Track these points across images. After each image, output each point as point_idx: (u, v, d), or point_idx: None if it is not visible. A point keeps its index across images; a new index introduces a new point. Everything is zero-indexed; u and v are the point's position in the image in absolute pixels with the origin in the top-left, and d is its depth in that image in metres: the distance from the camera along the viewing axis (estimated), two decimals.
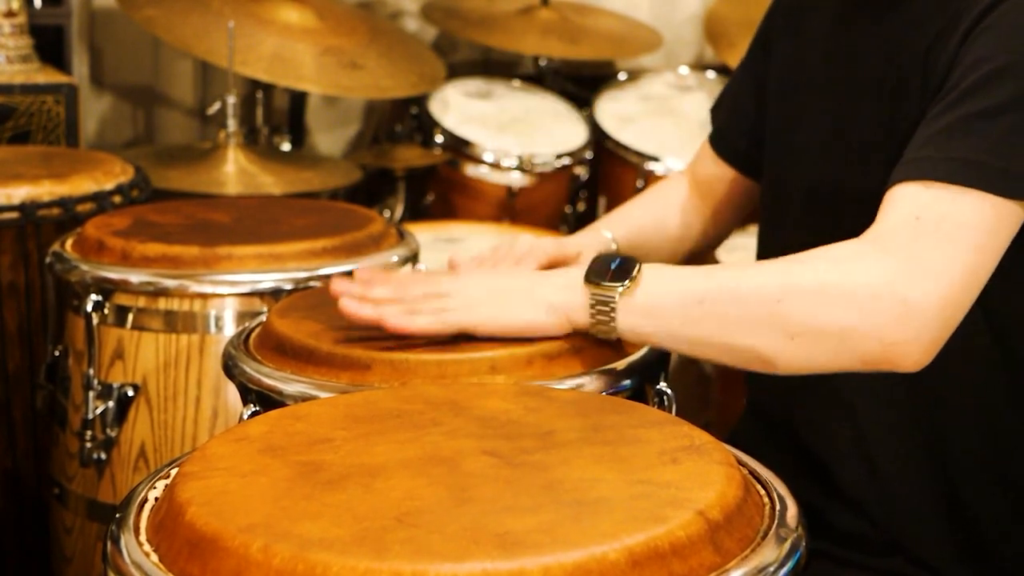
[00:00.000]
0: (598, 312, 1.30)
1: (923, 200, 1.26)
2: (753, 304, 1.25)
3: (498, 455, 1.04)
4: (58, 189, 2.13)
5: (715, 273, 1.30)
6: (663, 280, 1.30)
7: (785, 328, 1.24)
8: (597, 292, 1.30)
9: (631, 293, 1.29)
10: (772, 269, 1.29)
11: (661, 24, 3.74)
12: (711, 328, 1.27)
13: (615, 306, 1.29)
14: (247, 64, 2.82)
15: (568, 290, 1.32)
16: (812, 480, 1.47)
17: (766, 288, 1.25)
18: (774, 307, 1.24)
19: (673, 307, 1.28)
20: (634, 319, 1.29)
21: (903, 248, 1.24)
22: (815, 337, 1.24)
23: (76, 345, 1.81)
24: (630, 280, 1.29)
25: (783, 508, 1.02)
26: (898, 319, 1.22)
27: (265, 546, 0.90)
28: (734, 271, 1.31)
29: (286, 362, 1.36)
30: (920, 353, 1.23)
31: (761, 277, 1.28)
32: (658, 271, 1.31)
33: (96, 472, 1.79)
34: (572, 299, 1.32)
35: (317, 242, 1.80)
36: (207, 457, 1.06)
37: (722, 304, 1.26)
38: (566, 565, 0.88)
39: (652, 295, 1.29)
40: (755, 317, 1.25)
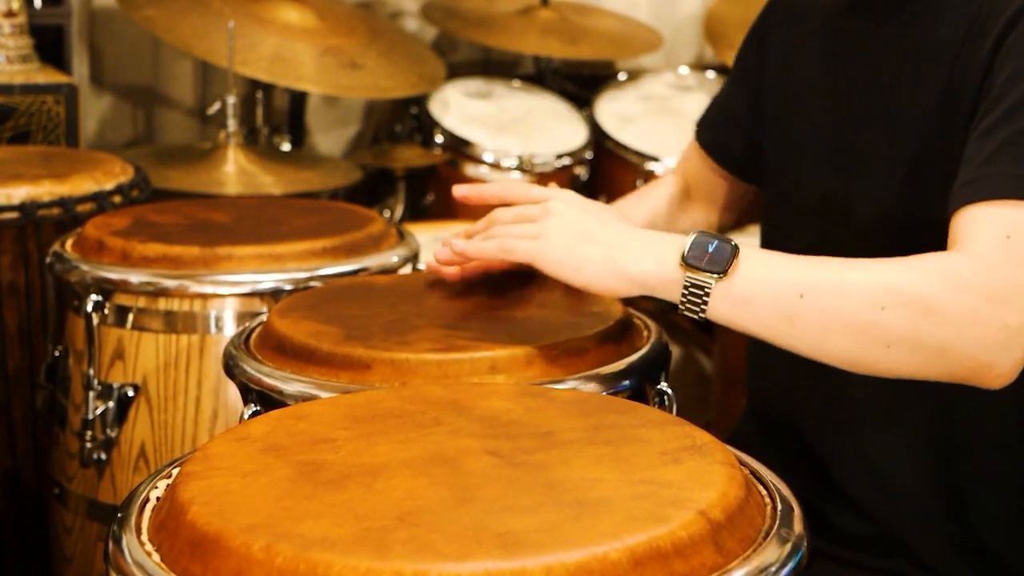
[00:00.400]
0: (690, 296, 1.27)
1: (1007, 219, 1.24)
2: (855, 306, 1.23)
3: (499, 455, 1.04)
4: (58, 189, 2.13)
5: (816, 267, 1.27)
6: (762, 269, 1.27)
7: (884, 336, 1.23)
8: (692, 276, 1.26)
9: (728, 280, 1.26)
10: (874, 270, 1.26)
11: (661, 24, 3.74)
12: (807, 325, 1.24)
13: (710, 292, 1.26)
14: (247, 64, 2.82)
15: (660, 266, 1.29)
16: (813, 480, 1.47)
17: (870, 292, 1.23)
18: (876, 314, 1.22)
19: (770, 299, 1.25)
20: (727, 307, 1.26)
21: (1002, 270, 1.22)
22: (912, 349, 1.23)
23: (76, 345, 1.81)
24: (728, 266, 1.26)
25: (785, 508, 1.02)
26: (996, 342, 1.21)
27: (267, 546, 0.90)
28: (837, 267, 1.27)
29: (287, 362, 1.36)
30: (1011, 373, 1.24)
31: (863, 276, 1.25)
32: (758, 258, 1.28)
33: (96, 472, 1.79)
34: (664, 276, 1.28)
35: (317, 242, 1.80)
36: (208, 457, 1.06)
37: (822, 302, 1.24)
38: (568, 565, 0.88)
39: (750, 283, 1.26)
40: (855, 320, 1.23)
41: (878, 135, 1.43)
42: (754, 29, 1.67)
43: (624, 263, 1.30)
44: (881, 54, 1.44)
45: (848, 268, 1.26)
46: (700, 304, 1.26)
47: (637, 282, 1.30)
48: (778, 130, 1.58)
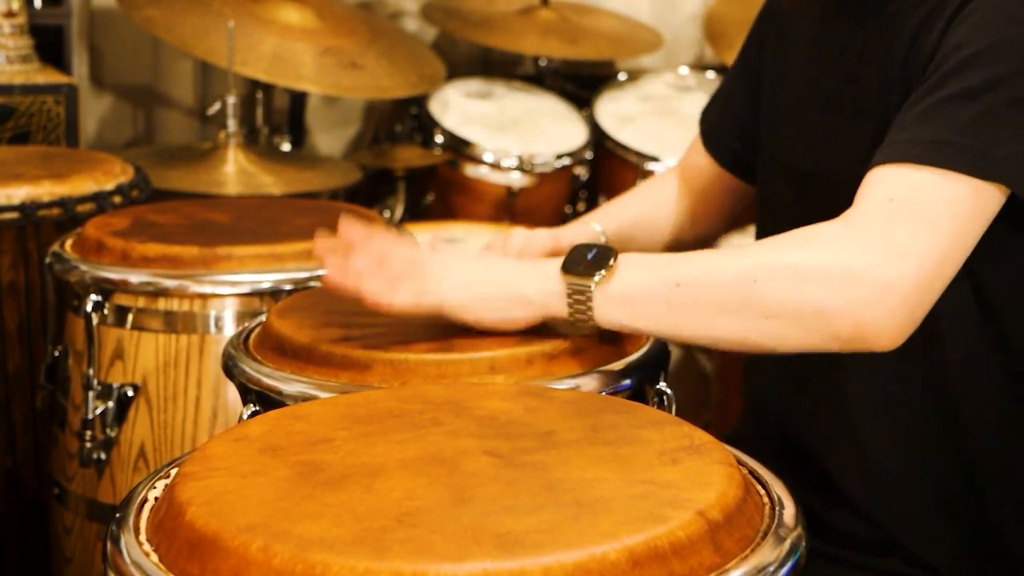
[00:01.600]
0: (575, 302, 1.30)
1: (897, 182, 1.27)
2: (729, 286, 1.25)
3: (498, 455, 1.04)
4: (58, 189, 2.13)
5: (690, 257, 1.30)
6: (639, 267, 1.30)
7: (761, 308, 1.24)
8: (573, 282, 1.30)
9: (607, 282, 1.29)
10: (746, 251, 1.30)
11: (661, 24, 3.74)
12: (688, 312, 1.27)
13: (591, 295, 1.29)
14: (247, 64, 2.82)
15: (545, 280, 1.32)
16: (810, 480, 1.46)
17: (741, 269, 1.26)
18: (750, 287, 1.24)
19: (649, 294, 1.28)
20: (611, 308, 1.29)
21: (876, 228, 1.24)
22: (789, 317, 1.24)
23: (76, 345, 1.81)
24: (606, 269, 1.29)
25: (783, 508, 1.02)
26: (871, 298, 1.22)
27: (265, 546, 0.90)
28: (709, 254, 1.31)
29: (286, 362, 1.36)
30: (893, 332, 1.24)
31: (736, 259, 1.28)
32: (634, 259, 1.31)
33: (96, 472, 1.79)
34: (549, 289, 1.32)
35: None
36: (207, 457, 1.06)
37: (698, 287, 1.27)
38: (566, 565, 0.88)
39: (628, 283, 1.29)
40: (731, 299, 1.25)
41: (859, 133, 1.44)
42: (755, 29, 1.67)
43: (519, 283, 1.33)
44: (861, 53, 1.45)
45: (722, 253, 1.31)
46: (586, 309, 1.30)
47: (533, 302, 1.32)
48: (770, 129, 1.58)
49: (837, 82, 1.47)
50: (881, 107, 1.41)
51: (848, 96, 1.46)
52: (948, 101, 1.28)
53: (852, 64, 1.45)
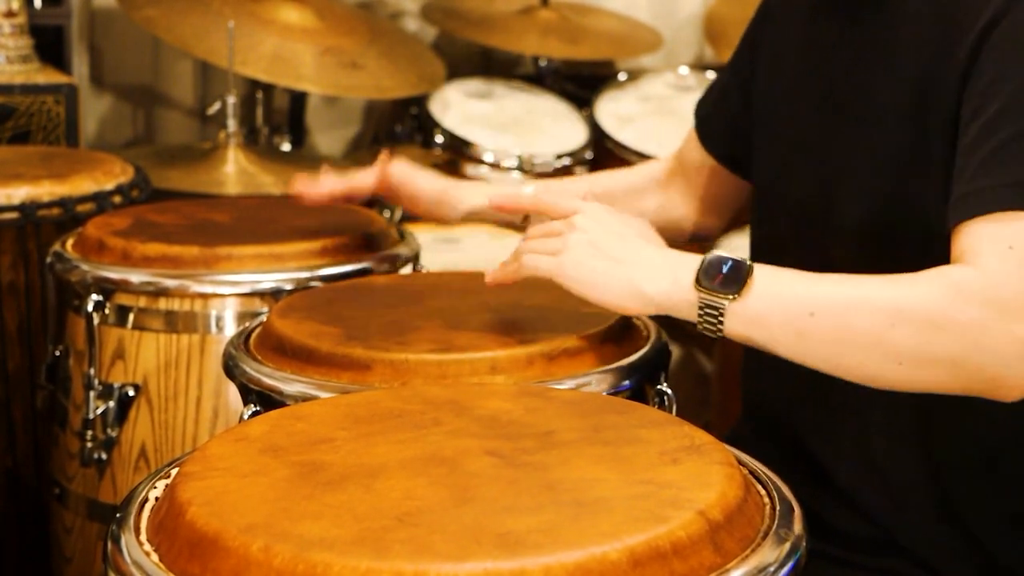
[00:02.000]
0: (706, 316, 1.29)
1: (1006, 230, 1.24)
2: (864, 325, 1.24)
3: (499, 455, 1.04)
4: (58, 189, 2.13)
5: (827, 285, 1.28)
6: (774, 288, 1.28)
7: (895, 354, 1.24)
8: (706, 297, 1.29)
9: (742, 299, 1.27)
10: (886, 289, 1.26)
11: (661, 24, 3.74)
12: (818, 343, 1.26)
13: (725, 311, 1.28)
14: (247, 64, 2.82)
15: (677, 288, 1.30)
16: (809, 480, 1.46)
17: (879, 309, 1.24)
18: (886, 331, 1.23)
19: (782, 318, 1.27)
20: (741, 326, 1.28)
21: (1009, 280, 1.22)
22: (924, 364, 1.24)
23: (76, 345, 1.81)
24: (741, 287, 1.27)
25: (783, 508, 1.02)
26: (1008, 354, 1.22)
27: (266, 546, 0.90)
28: (846, 284, 1.28)
29: (286, 362, 1.36)
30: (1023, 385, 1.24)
31: (874, 295, 1.26)
32: (770, 277, 1.29)
33: (96, 472, 1.79)
34: (680, 297, 1.30)
35: (317, 242, 1.80)
36: (207, 457, 1.06)
37: (832, 320, 1.25)
38: (567, 565, 0.88)
39: (762, 303, 1.28)
40: (865, 338, 1.24)
41: (855, 137, 1.43)
42: (749, 29, 1.68)
43: (641, 283, 1.32)
44: (855, 52, 1.44)
45: (858, 285, 1.27)
46: (716, 323, 1.28)
47: (653, 302, 1.31)
48: (765, 132, 1.58)
49: (828, 81, 1.47)
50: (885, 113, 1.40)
51: (843, 95, 1.45)
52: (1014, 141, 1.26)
53: (846, 63, 1.45)
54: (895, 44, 1.40)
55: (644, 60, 3.77)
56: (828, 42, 1.48)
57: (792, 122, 1.52)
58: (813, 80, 1.49)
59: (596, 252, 1.34)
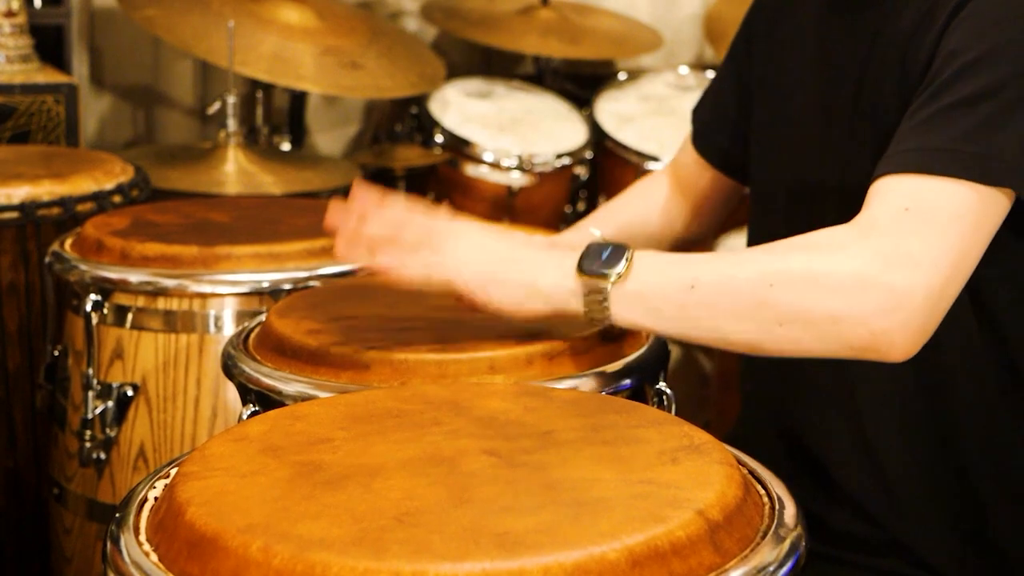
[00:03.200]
0: (591, 301, 1.30)
1: (908, 191, 1.26)
2: (744, 290, 1.25)
3: (498, 455, 1.04)
4: (58, 189, 2.13)
5: (705, 259, 1.30)
6: (654, 267, 1.30)
7: (775, 314, 1.24)
8: (590, 282, 1.29)
9: (623, 281, 1.29)
10: (762, 256, 1.29)
11: (661, 24, 3.74)
12: (702, 314, 1.27)
13: (608, 294, 1.29)
14: (247, 64, 2.82)
15: (561, 276, 1.31)
16: (809, 480, 1.46)
17: (757, 273, 1.25)
18: (765, 292, 1.24)
19: (665, 294, 1.28)
20: (627, 307, 1.29)
21: (891, 237, 1.24)
22: (804, 324, 1.24)
23: (75, 345, 1.81)
24: (622, 268, 1.29)
25: (783, 508, 1.02)
26: (886, 307, 1.22)
27: (265, 546, 0.90)
28: (724, 257, 1.32)
29: (285, 362, 1.36)
30: (907, 342, 1.24)
31: (751, 263, 1.28)
32: (649, 258, 1.31)
33: (96, 472, 1.79)
34: (565, 286, 1.31)
35: (317, 242, 1.80)
36: (206, 457, 1.06)
37: (713, 290, 1.26)
38: (566, 565, 0.88)
39: (644, 283, 1.29)
40: (746, 303, 1.25)
41: (849, 128, 1.44)
42: (743, 27, 1.67)
43: (535, 277, 1.32)
44: (854, 49, 1.45)
45: (738, 256, 1.31)
46: (603, 308, 1.29)
47: (545, 296, 1.32)
48: (764, 129, 1.58)
49: (829, 83, 1.47)
50: (877, 110, 1.40)
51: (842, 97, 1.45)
52: (951, 108, 1.28)
53: (845, 65, 1.45)
54: (884, 39, 1.40)
55: (644, 60, 3.78)
56: (831, 43, 1.48)
57: (797, 122, 1.52)
58: (820, 78, 1.49)
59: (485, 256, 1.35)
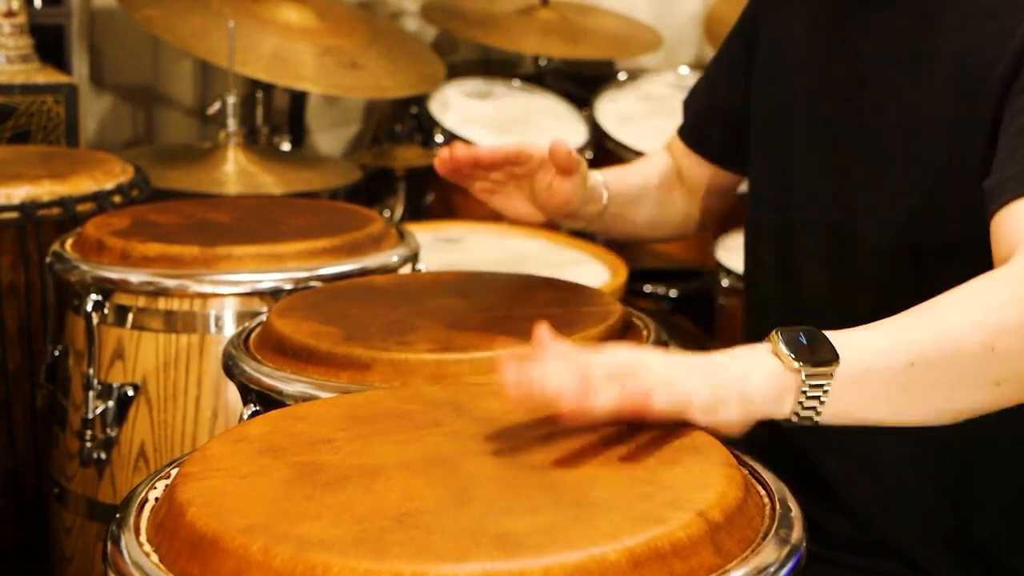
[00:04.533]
0: (809, 397, 1.10)
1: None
2: (968, 359, 1.13)
3: (498, 456, 1.04)
4: (58, 189, 2.13)
5: (917, 325, 1.15)
6: (864, 348, 1.12)
7: (996, 375, 1.14)
8: (811, 373, 1.09)
9: (843, 367, 1.10)
10: (975, 310, 1.15)
11: (661, 24, 3.74)
12: (927, 392, 1.13)
13: (830, 385, 1.09)
14: (247, 64, 2.82)
15: (768, 376, 1.09)
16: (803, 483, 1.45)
17: (979, 337, 1.13)
18: (989, 356, 1.13)
19: (884, 378, 1.11)
20: (847, 397, 1.11)
21: None
22: (1020, 381, 1.15)
23: (76, 345, 1.81)
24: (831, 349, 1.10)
25: (783, 509, 1.02)
26: None
27: (265, 547, 0.90)
28: (933, 316, 1.15)
29: (286, 362, 1.36)
30: None
31: (967, 322, 1.14)
32: (848, 337, 1.12)
33: (96, 472, 1.79)
34: (776, 385, 1.09)
35: (317, 242, 1.80)
36: (207, 457, 1.06)
37: (936, 364, 1.12)
38: (566, 566, 0.88)
39: (861, 368, 1.11)
40: (972, 371, 1.13)
41: (889, 144, 1.39)
42: (741, 23, 1.64)
43: (745, 388, 1.09)
44: (891, 52, 1.40)
45: (947, 311, 1.15)
46: (817, 404, 1.10)
47: (756, 403, 1.09)
48: (768, 132, 1.56)
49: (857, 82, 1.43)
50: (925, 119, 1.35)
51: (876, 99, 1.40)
52: None
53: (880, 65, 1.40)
54: (936, 46, 1.36)
55: (644, 60, 3.77)
56: (849, 45, 1.45)
57: (810, 125, 1.48)
58: (838, 80, 1.45)
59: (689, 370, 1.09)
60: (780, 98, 1.53)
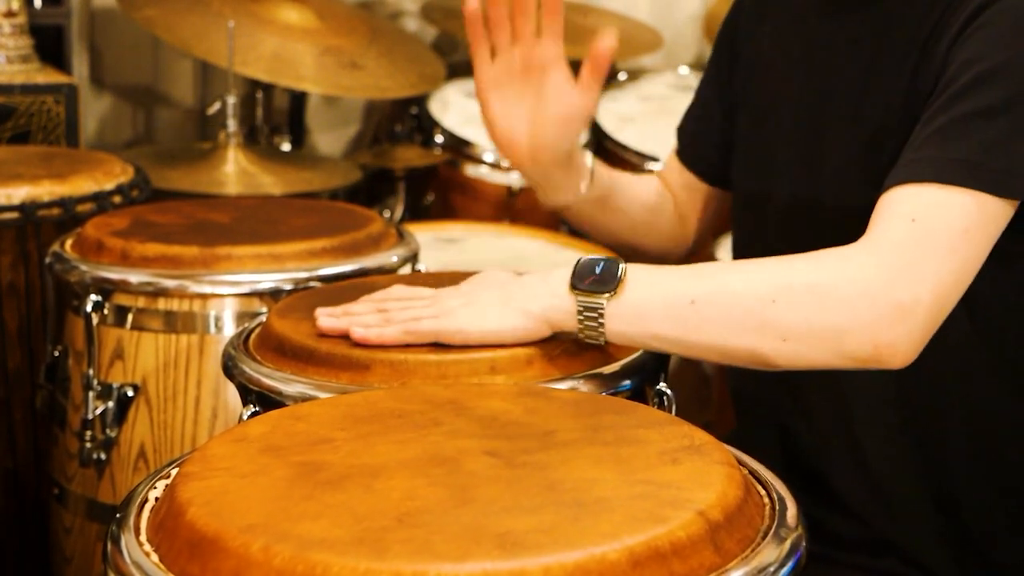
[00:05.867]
0: (586, 319, 1.28)
1: (918, 201, 1.26)
2: (746, 306, 1.24)
3: (498, 455, 1.04)
4: (58, 189, 2.13)
5: (704, 273, 1.29)
6: (650, 283, 1.28)
7: (778, 330, 1.23)
8: (584, 299, 1.28)
9: (618, 298, 1.27)
10: (765, 269, 1.28)
11: (661, 24, 3.74)
12: (703, 331, 1.26)
13: (603, 312, 1.27)
14: (247, 64, 2.82)
15: (552, 297, 1.30)
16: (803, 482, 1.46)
17: (760, 289, 1.24)
18: (768, 308, 1.23)
19: (662, 311, 1.27)
20: (623, 324, 1.28)
21: (897, 250, 1.23)
22: (808, 338, 1.23)
23: (76, 345, 1.81)
24: (616, 285, 1.27)
25: (783, 508, 1.02)
26: (890, 321, 1.22)
27: (265, 546, 0.90)
28: (725, 271, 1.29)
29: (286, 362, 1.36)
30: (909, 351, 1.24)
31: (754, 277, 1.27)
32: (644, 273, 1.29)
33: (96, 472, 1.79)
34: (557, 306, 1.30)
35: (317, 242, 1.80)
36: (207, 457, 1.06)
37: (714, 306, 1.25)
38: (566, 565, 0.88)
39: (640, 299, 1.27)
40: (748, 320, 1.24)
41: (847, 135, 1.43)
42: (723, 30, 1.66)
43: (523, 299, 1.30)
44: (849, 51, 1.44)
45: (739, 270, 1.28)
46: (597, 326, 1.28)
47: (539, 317, 1.30)
48: (750, 131, 1.58)
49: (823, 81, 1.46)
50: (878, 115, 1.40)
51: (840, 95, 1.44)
52: (968, 119, 1.27)
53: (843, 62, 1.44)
54: (887, 44, 1.40)
55: (644, 60, 3.77)
56: (820, 45, 1.48)
57: (782, 124, 1.51)
58: (804, 83, 1.49)
59: (471, 292, 1.34)
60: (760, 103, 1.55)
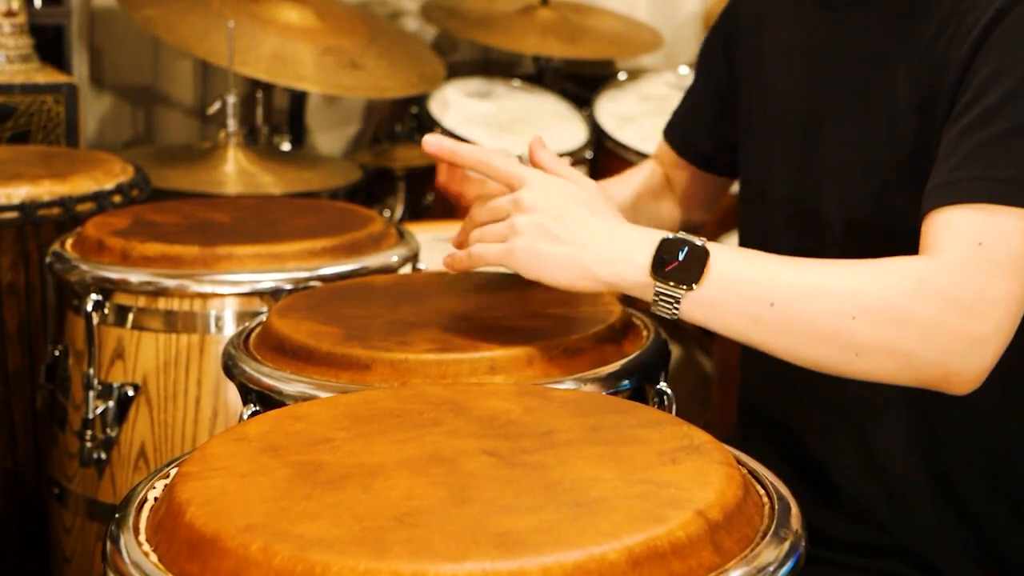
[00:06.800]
0: (661, 302, 1.27)
1: (980, 224, 1.24)
2: (825, 319, 1.23)
3: (498, 455, 1.04)
4: (58, 189, 2.13)
5: (787, 273, 1.26)
6: (733, 277, 1.26)
7: (854, 346, 1.23)
8: (662, 286, 1.27)
9: (699, 288, 1.26)
10: (847, 278, 1.25)
11: (661, 24, 3.74)
12: (776, 332, 1.25)
13: (680, 300, 1.27)
14: (247, 64, 2.82)
15: (631, 273, 1.28)
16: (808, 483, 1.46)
17: (840, 305, 1.23)
18: (847, 324, 1.23)
19: (739, 307, 1.26)
20: (698, 312, 1.27)
21: (968, 279, 1.22)
22: (882, 357, 1.23)
23: (76, 345, 1.81)
24: (699, 276, 1.25)
25: (783, 508, 1.02)
26: (964, 352, 1.22)
27: (265, 546, 0.90)
28: (807, 272, 1.26)
29: (286, 362, 1.36)
30: (976, 381, 1.24)
31: (834, 287, 1.24)
32: (728, 265, 1.26)
33: (96, 472, 1.79)
34: (634, 282, 1.28)
35: (317, 242, 1.80)
36: (207, 457, 1.06)
37: (793, 312, 1.24)
38: (566, 565, 0.88)
39: (720, 291, 1.26)
40: (826, 331, 1.23)
41: (849, 134, 1.42)
42: (717, 28, 1.67)
43: (593, 265, 1.29)
44: (851, 48, 1.43)
45: (820, 273, 1.26)
46: (671, 309, 1.27)
47: (607, 283, 1.30)
48: (750, 128, 1.58)
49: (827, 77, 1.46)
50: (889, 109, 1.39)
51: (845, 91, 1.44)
52: (1010, 136, 1.26)
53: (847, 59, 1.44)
54: (893, 41, 1.39)
55: (644, 60, 3.78)
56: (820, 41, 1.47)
57: (787, 119, 1.51)
58: (804, 80, 1.48)
59: (545, 235, 1.31)
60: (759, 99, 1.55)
